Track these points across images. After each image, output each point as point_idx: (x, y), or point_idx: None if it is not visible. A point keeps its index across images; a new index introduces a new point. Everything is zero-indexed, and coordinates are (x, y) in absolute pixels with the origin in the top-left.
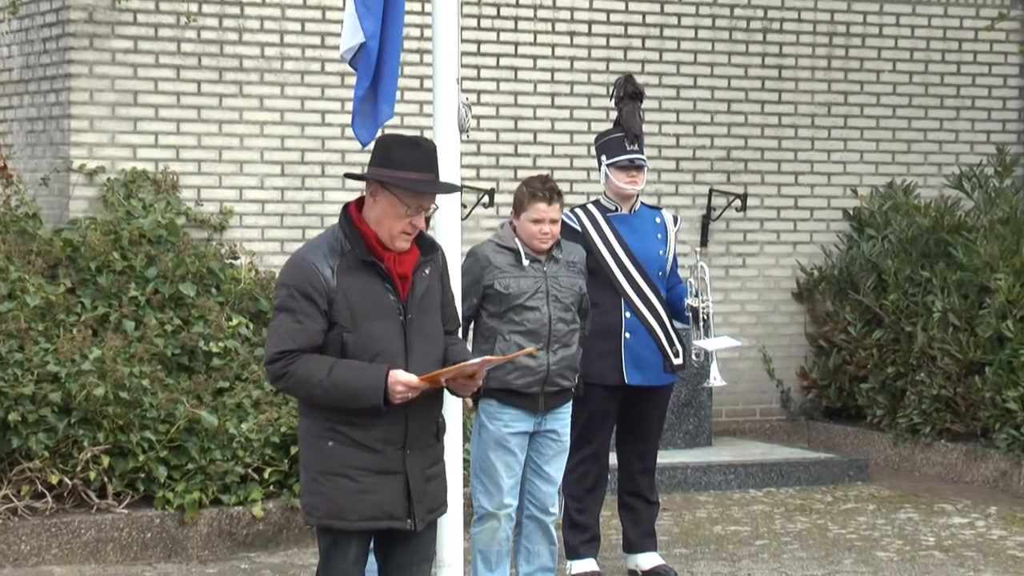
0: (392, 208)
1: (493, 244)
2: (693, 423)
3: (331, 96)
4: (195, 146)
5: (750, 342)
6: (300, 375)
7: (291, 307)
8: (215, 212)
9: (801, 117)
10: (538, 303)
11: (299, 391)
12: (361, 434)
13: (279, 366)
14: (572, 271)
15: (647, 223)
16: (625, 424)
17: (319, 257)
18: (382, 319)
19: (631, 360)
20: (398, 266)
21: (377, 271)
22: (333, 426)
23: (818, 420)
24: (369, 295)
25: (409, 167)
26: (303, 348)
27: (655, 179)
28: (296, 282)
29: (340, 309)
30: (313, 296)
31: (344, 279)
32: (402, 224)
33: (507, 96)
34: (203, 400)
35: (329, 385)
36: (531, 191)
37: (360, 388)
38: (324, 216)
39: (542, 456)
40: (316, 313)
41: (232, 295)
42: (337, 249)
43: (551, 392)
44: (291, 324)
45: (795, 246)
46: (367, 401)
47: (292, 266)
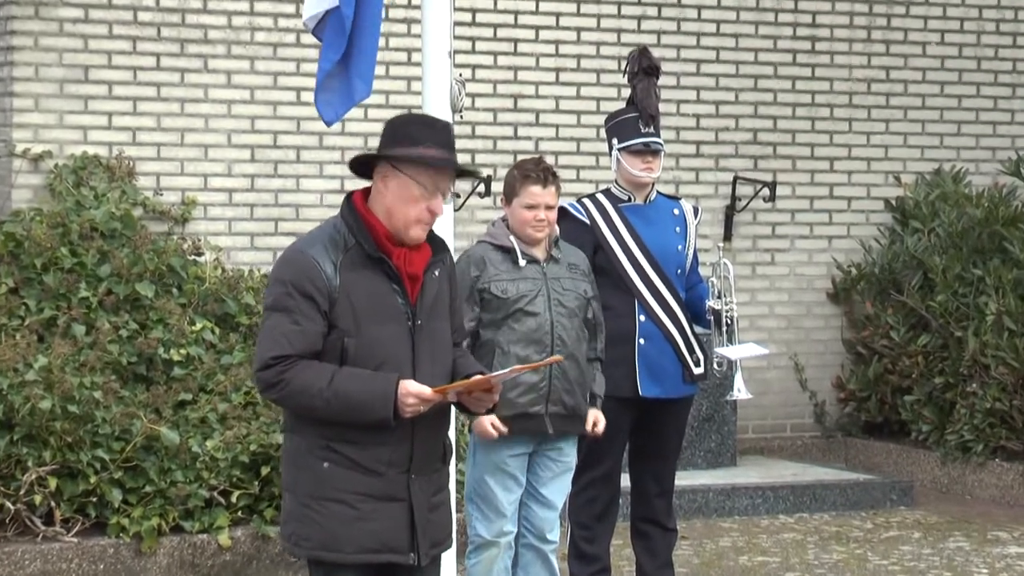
0: (406, 191)
1: (486, 244)
2: (715, 440)
3: (308, 71)
4: (153, 128)
5: (780, 349)
6: (297, 384)
7: (288, 306)
8: (176, 202)
9: (837, 95)
10: (539, 307)
11: (295, 402)
12: (362, 454)
13: (273, 373)
14: (575, 273)
15: (664, 215)
16: (639, 441)
17: (320, 251)
18: (388, 323)
19: (646, 369)
20: (408, 265)
21: (385, 269)
22: (329, 444)
23: (856, 437)
24: (375, 296)
25: (424, 143)
26: (301, 353)
27: (673, 165)
28: (294, 278)
29: (342, 310)
30: (313, 295)
31: (347, 277)
32: (418, 210)
33: (506, 72)
34: (163, 415)
35: (331, 395)
36: (523, 173)
37: (366, 399)
38: (299, 207)
39: (539, 478)
40: (316, 314)
41: (196, 296)
42: (340, 243)
43: (559, 414)
44: (288, 326)
45: (830, 241)
46: (374, 414)
47: (289, 261)
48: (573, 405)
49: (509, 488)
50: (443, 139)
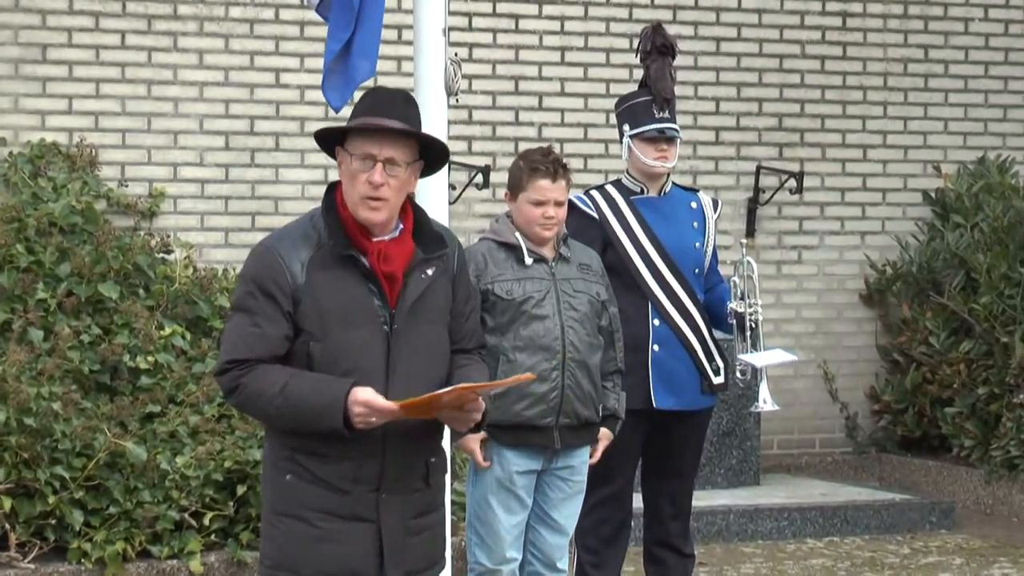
0: (346, 169)
1: (488, 241)
2: (737, 457)
3: (287, 51)
4: (118, 113)
5: (807, 356)
6: (252, 389)
7: (249, 307)
8: (143, 195)
9: (870, 76)
10: (547, 310)
11: (251, 409)
12: (326, 469)
13: (230, 378)
14: (587, 274)
15: (680, 209)
16: (653, 458)
17: (288, 247)
18: (360, 327)
19: (660, 379)
20: (384, 263)
21: (359, 268)
22: (292, 455)
23: (892, 453)
24: (345, 297)
25: (358, 113)
26: (260, 358)
27: (690, 154)
28: (257, 276)
29: (308, 312)
30: (275, 294)
31: (315, 276)
32: (358, 185)
33: (506, 51)
34: (128, 428)
35: (282, 402)
36: (531, 166)
37: (317, 407)
38: (279, 199)
39: (549, 499)
40: (278, 315)
41: (164, 298)
42: (312, 239)
43: (569, 426)
44: (248, 328)
45: (863, 237)
46: (324, 423)
47: (254, 256)
48: (587, 417)
49: (513, 510)
50: (378, 104)
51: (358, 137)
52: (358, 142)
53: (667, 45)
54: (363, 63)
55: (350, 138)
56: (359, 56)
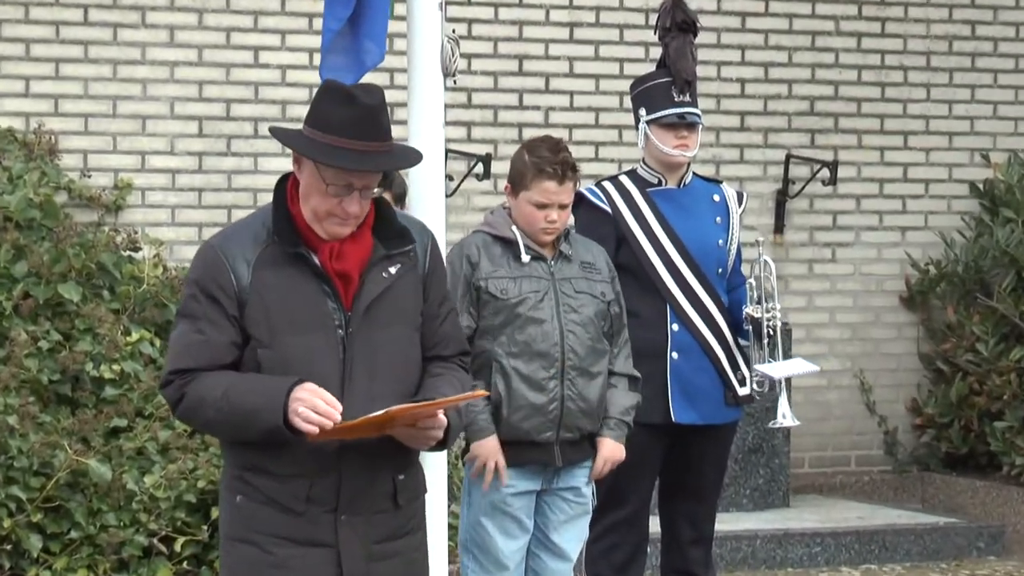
0: (315, 182)
1: (482, 235)
2: (764, 476)
3: (267, 27)
4: (80, 95)
5: (843, 364)
6: (193, 397)
7: (193, 312)
8: (108, 186)
9: (911, 56)
10: (544, 312)
11: (195, 418)
12: (277, 488)
13: (173, 389)
14: (590, 273)
15: (701, 202)
16: (672, 477)
17: (234, 246)
18: (312, 332)
19: (680, 390)
20: (336, 261)
21: (310, 267)
22: (242, 475)
23: (936, 471)
24: (295, 298)
25: (334, 129)
26: (204, 367)
27: (712, 141)
28: (200, 278)
29: (254, 316)
30: (218, 297)
31: (262, 276)
32: (327, 204)
33: (509, 27)
34: (91, 444)
35: (224, 404)
36: (536, 163)
37: (255, 404)
38: (258, 191)
39: (550, 522)
40: (223, 320)
41: (131, 300)
42: (261, 236)
43: (571, 441)
44: (191, 335)
45: (904, 233)
46: (261, 422)
47: (199, 257)
48: (592, 430)
49: (512, 534)
50: (360, 125)
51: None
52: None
53: (688, 21)
54: (372, 47)
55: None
56: (367, 39)
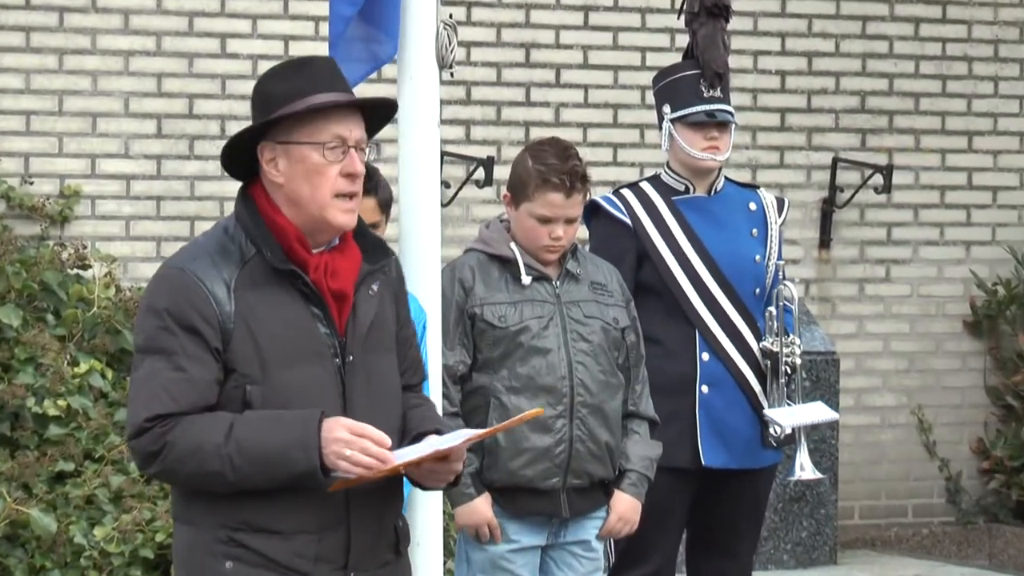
0: (305, 163)
1: (476, 253)
2: (808, 528)
3: (236, 11)
4: (20, 90)
5: (898, 400)
6: (184, 446)
7: (166, 346)
8: (52, 194)
9: (977, 44)
10: (550, 342)
11: (185, 473)
12: (278, 547)
13: (150, 439)
14: (601, 295)
15: (735, 211)
16: (701, 530)
17: (205, 266)
18: (306, 362)
19: (710, 429)
20: (332, 278)
21: (299, 287)
22: (232, 536)
23: (1005, 523)
24: (285, 324)
25: (300, 93)
26: (187, 410)
27: (748, 142)
28: (172, 306)
29: (240, 347)
30: (199, 328)
31: (246, 300)
32: (330, 181)
33: (514, 11)
34: (33, 492)
35: (233, 451)
36: (541, 171)
37: (281, 446)
38: (225, 200)
39: None
40: (205, 354)
41: (79, 325)
42: (234, 253)
43: (579, 488)
44: (168, 373)
45: (968, 248)
46: (294, 466)
47: (164, 281)
48: (603, 476)
49: None
50: (327, 78)
51: (316, 121)
52: (319, 126)
53: (719, 4)
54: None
55: (298, 126)
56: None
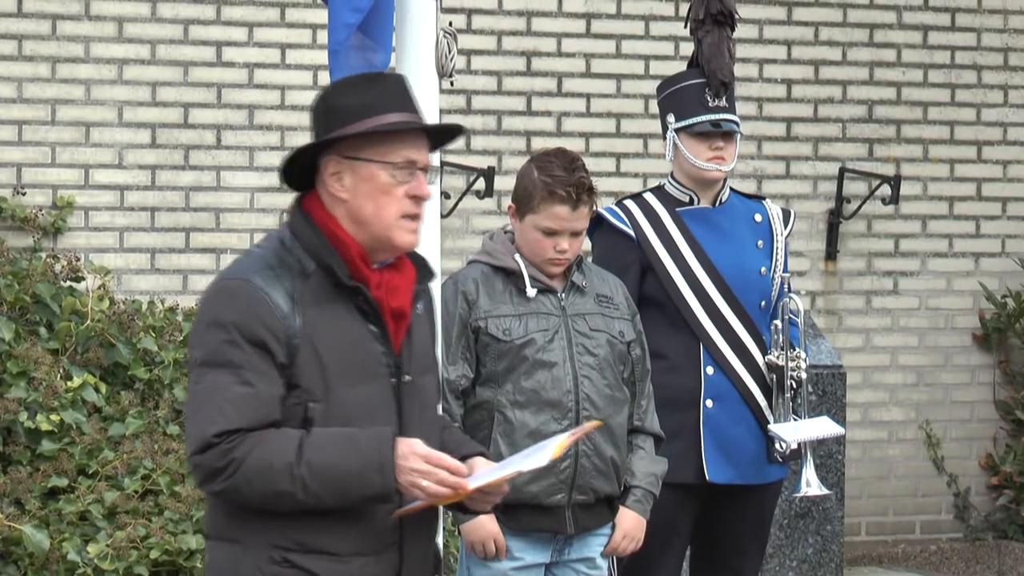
0: (373, 182)
1: (480, 265)
2: (815, 544)
3: (232, 19)
4: (12, 99)
5: (906, 414)
6: (253, 464)
7: (232, 360)
8: (45, 205)
9: (986, 53)
10: (555, 355)
11: (251, 490)
12: (334, 569)
13: (217, 455)
14: (607, 308)
15: (740, 223)
16: (705, 547)
17: (269, 280)
18: (366, 382)
19: (715, 444)
20: (391, 296)
21: (359, 303)
22: (286, 556)
23: (1015, 539)
24: (348, 342)
25: (372, 109)
26: (254, 425)
27: (753, 152)
28: (239, 319)
29: (306, 364)
30: (267, 342)
31: (311, 315)
32: (398, 202)
33: (515, 19)
34: (26, 508)
35: (305, 472)
36: (547, 183)
37: (355, 466)
38: (221, 211)
39: None
40: (271, 370)
41: (73, 339)
42: (293, 267)
43: (585, 505)
44: (235, 388)
45: (977, 260)
46: (369, 487)
47: (228, 294)
48: (609, 492)
49: None
50: (400, 97)
51: (387, 140)
52: (391, 146)
53: (725, 12)
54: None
55: (368, 143)
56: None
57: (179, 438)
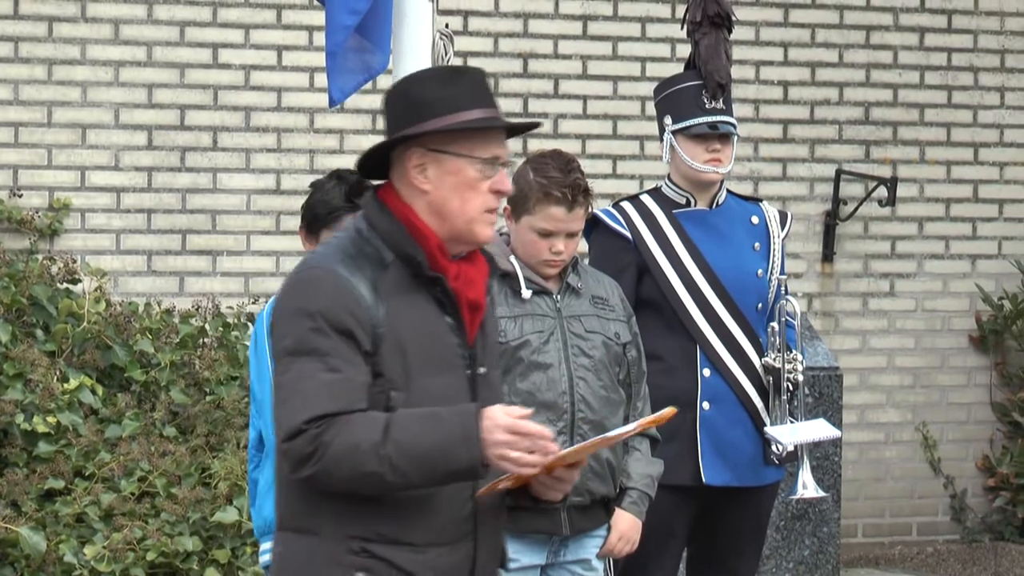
0: (459, 176)
1: None
2: (811, 546)
3: (229, 21)
4: (9, 101)
5: (903, 416)
6: (340, 446)
7: (319, 347)
8: (41, 207)
9: (983, 55)
10: (550, 356)
11: (339, 474)
12: (412, 559)
13: (306, 440)
14: (602, 310)
15: (737, 225)
16: (702, 549)
17: (351, 269)
18: (445, 372)
19: (711, 446)
20: (468, 288)
21: (437, 295)
22: (365, 546)
23: (1012, 541)
24: (427, 332)
25: (458, 106)
26: (343, 411)
27: (750, 154)
28: (326, 308)
29: (389, 353)
30: (353, 330)
31: (393, 305)
32: (482, 197)
33: (511, 21)
34: (22, 509)
35: (392, 451)
36: (542, 185)
37: (442, 444)
38: (217, 213)
39: None
40: (356, 357)
41: (69, 341)
42: (372, 257)
43: (579, 506)
44: (323, 375)
45: (974, 261)
46: (456, 463)
47: (313, 283)
48: (605, 494)
49: None
50: (483, 93)
51: (474, 136)
52: (478, 141)
53: (721, 13)
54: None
55: (454, 138)
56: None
57: (175, 440)
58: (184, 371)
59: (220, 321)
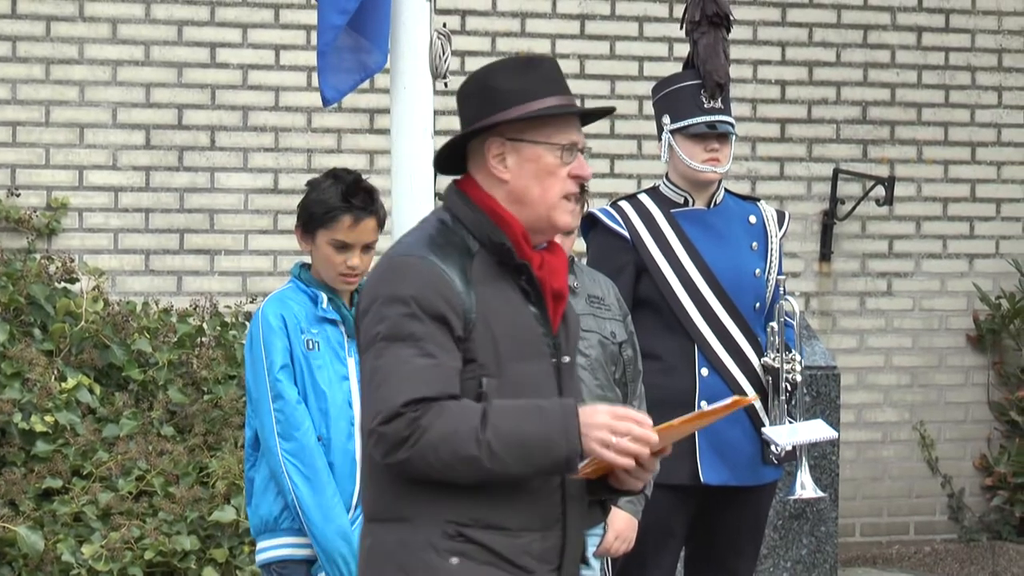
0: (538, 163)
1: None
2: (809, 546)
3: (226, 20)
4: (7, 100)
5: (900, 415)
6: (436, 432)
7: (414, 333)
8: (39, 207)
9: (980, 54)
10: None
11: (434, 459)
12: (507, 544)
13: (403, 424)
14: (599, 309)
15: (735, 224)
16: (700, 548)
17: (442, 257)
18: (532, 359)
19: (709, 446)
20: (552, 277)
21: (521, 284)
22: (461, 531)
23: (1009, 540)
24: (515, 319)
25: (534, 94)
26: (438, 395)
27: (747, 153)
28: (419, 294)
29: (481, 339)
30: (447, 316)
31: (483, 292)
32: (561, 183)
33: (509, 20)
34: (20, 509)
35: (492, 437)
36: None
37: (541, 433)
38: (215, 212)
39: None
40: (449, 342)
41: (67, 340)
42: (459, 245)
43: None
44: (418, 360)
45: (971, 261)
46: (555, 453)
47: (406, 269)
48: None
49: None
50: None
51: (551, 123)
52: (555, 128)
53: (720, 13)
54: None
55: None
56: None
57: (173, 439)
58: (182, 370)
59: (218, 320)
